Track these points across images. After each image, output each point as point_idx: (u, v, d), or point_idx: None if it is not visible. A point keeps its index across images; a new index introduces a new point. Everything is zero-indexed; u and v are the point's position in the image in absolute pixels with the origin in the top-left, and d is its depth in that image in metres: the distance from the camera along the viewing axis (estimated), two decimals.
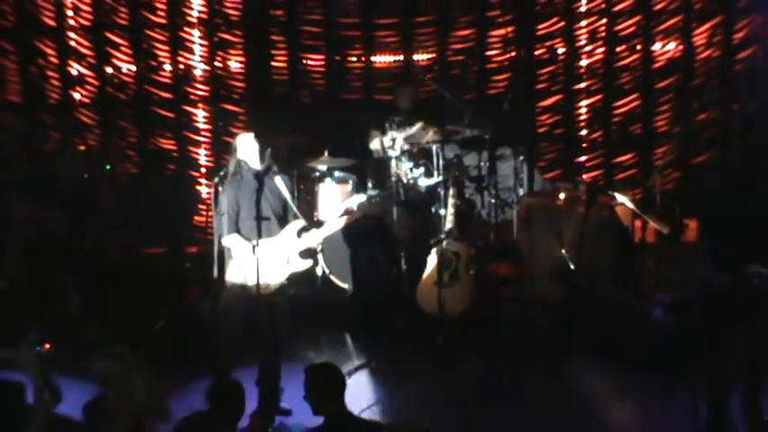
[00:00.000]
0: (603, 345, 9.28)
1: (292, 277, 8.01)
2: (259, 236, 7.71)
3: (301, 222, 8.00)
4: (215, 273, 7.99)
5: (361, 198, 10.51)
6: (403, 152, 10.72)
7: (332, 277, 10.49)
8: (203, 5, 12.04)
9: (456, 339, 9.53)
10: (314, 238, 8.16)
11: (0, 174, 10.54)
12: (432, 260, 9.77)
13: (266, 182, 7.88)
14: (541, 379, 8.86)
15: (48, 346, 9.13)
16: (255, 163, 7.92)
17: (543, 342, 9.48)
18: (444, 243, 9.74)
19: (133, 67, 12.15)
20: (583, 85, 12.18)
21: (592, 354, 9.22)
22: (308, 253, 8.12)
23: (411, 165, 10.72)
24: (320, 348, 9.69)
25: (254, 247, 7.67)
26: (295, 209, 8.03)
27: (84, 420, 6.18)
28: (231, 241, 7.86)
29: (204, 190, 11.87)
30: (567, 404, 8.38)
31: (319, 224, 9.76)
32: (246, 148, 7.96)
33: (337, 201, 10.65)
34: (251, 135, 8.00)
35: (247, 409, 6.86)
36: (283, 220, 7.99)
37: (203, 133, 12.25)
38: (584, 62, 12.15)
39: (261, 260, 7.68)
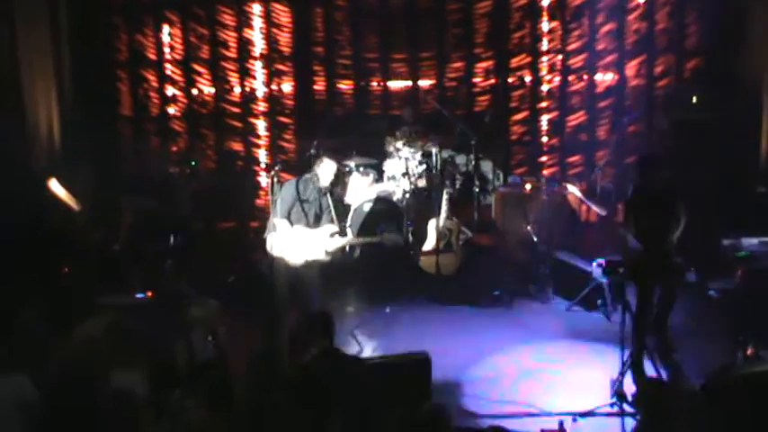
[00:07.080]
0: (556, 292, 9.56)
1: (311, 263, 7.99)
2: (307, 225, 7.98)
3: (335, 227, 8.03)
4: (268, 242, 8.03)
5: (380, 187, 10.56)
6: (410, 153, 10.75)
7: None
8: (264, 44, 12.04)
9: (449, 291, 9.60)
10: (338, 243, 8.11)
11: (114, 169, 10.60)
12: (431, 233, 9.81)
13: (320, 193, 8.02)
14: (510, 315, 9.20)
15: (150, 293, 9.27)
16: (325, 181, 8.01)
17: (513, 292, 9.60)
18: (441, 221, 9.74)
19: (212, 90, 12.16)
20: (544, 104, 12.11)
21: (548, 299, 9.58)
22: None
23: (417, 162, 10.73)
24: (348, 298, 9.67)
25: (291, 230, 7.88)
26: (334, 217, 8.04)
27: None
28: (279, 223, 7.93)
29: (264, 180, 11.85)
30: (528, 332, 8.69)
31: (347, 208, 9.84)
32: (325, 168, 8.03)
33: (363, 188, 10.63)
34: (333, 162, 8.06)
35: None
36: (319, 220, 8.05)
37: (263, 138, 12.25)
38: (545, 87, 12.07)
39: (296, 241, 7.88)
